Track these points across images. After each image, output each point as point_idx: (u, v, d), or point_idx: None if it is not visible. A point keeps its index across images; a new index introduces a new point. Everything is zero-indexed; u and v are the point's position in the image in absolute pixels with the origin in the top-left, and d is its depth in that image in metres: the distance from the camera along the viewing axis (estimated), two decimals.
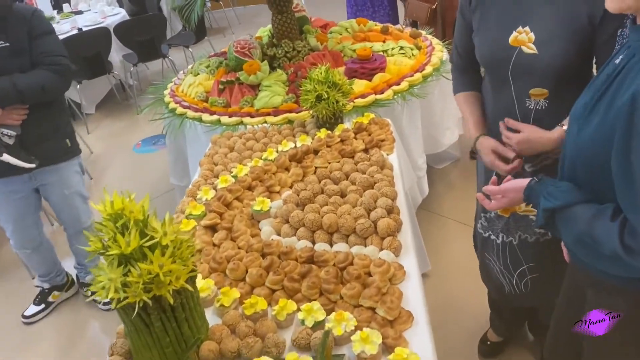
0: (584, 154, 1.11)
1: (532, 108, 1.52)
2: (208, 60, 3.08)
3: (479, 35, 1.57)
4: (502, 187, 1.29)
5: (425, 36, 3.15)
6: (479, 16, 1.57)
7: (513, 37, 1.48)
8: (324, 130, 2.20)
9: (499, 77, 1.54)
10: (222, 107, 2.63)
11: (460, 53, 1.73)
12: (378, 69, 2.68)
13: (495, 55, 1.52)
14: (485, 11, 1.55)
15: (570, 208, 1.10)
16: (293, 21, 2.91)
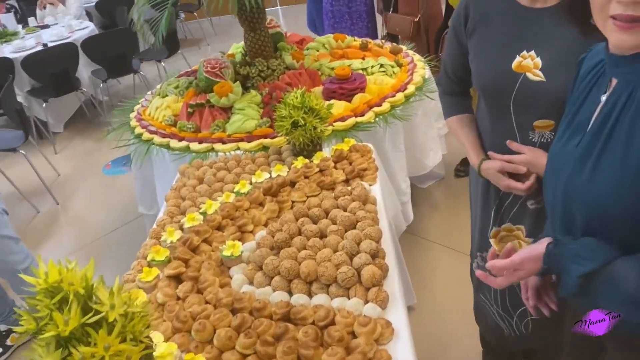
0: (603, 201, 0.95)
1: (536, 141, 1.39)
2: (177, 80, 2.90)
3: (477, 60, 1.43)
4: (514, 260, 1.07)
5: (406, 52, 3.02)
6: (476, 39, 1.42)
7: (517, 62, 1.33)
8: (302, 158, 2.04)
9: (500, 107, 1.39)
10: (191, 132, 2.45)
11: (450, 76, 1.60)
12: (358, 89, 2.53)
13: (496, 82, 1.37)
14: (484, 34, 1.40)
15: (611, 267, 0.93)
16: (267, 38, 2.75)
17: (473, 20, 1.42)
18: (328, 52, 3.05)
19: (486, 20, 1.40)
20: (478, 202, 1.64)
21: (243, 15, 2.61)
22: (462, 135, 1.57)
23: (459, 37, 1.49)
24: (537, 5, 1.33)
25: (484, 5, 1.41)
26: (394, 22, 3.69)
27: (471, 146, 1.53)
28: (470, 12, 1.42)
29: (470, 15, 1.42)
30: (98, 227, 3.59)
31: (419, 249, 2.86)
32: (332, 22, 4.50)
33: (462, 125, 1.58)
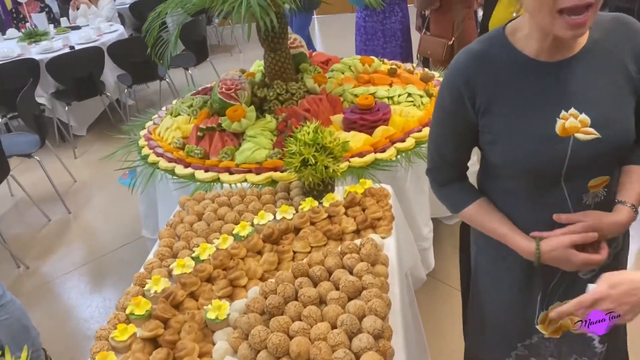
0: None
1: (590, 203, 1.19)
2: (191, 98, 2.74)
3: (505, 139, 1.18)
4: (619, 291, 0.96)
5: (437, 79, 2.79)
6: (494, 116, 1.18)
7: (560, 125, 1.12)
8: (310, 200, 1.85)
9: (547, 180, 1.17)
10: (198, 159, 2.28)
11: (450, 162, 1.34)
12: (380, 121, 2.32)
13: (542, 156, 1.13)
14: (503, 108, 1.16)
15: None
16: (288, 60, 2.57)
17: (482, 95, 1.17)
18: (353, 76, 2.85)
19: (500, 91, 1.16)
20: (513, 288, 1.38)
21: (263, 35, 2.44)
22: (494, 222, 1.29)
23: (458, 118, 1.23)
24: (558, 57, 1.14)
25: (492, 76, 1.17)
26: (425, 44, 3.46)
27: (513, 231, 1.26)
28: (475, 89, 1.18)
29: (476, 91, 1.18)
30: (107, 242, 3.47)
31: (439, 295, 2.63)
32: (364, 39, 4.30)
33: (487, 211, 1.30)
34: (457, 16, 3.40)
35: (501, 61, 1.16)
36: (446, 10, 3.37)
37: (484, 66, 1.16)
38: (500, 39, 1.19)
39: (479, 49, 1.19)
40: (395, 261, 1.62)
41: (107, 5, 5.92)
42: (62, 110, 4.80)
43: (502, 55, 1.17)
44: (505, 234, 1.27)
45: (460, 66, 1.19)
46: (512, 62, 1.16)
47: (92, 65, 4.68)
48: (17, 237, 3.64)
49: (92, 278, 3.15)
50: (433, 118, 1.32)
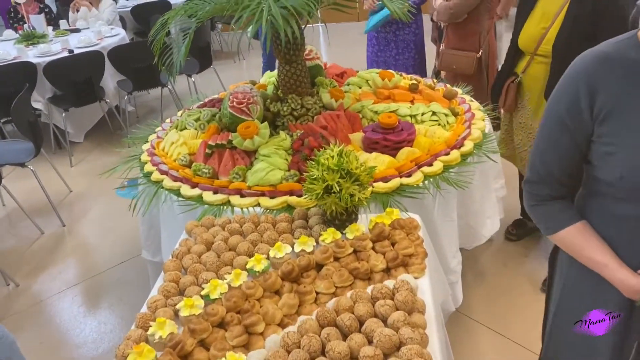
0: None
1: None
2: (198, 111, 2.55)
3: (628, 149, 1.08)
4: None
5: (461, 97, 2.62)
6: (617, 124, 1.10)
7: None
8: (332, 231, 1.67)
9: None
10: (207, 178, 2.09)
11: (557, 177, 1.22)
12: (405, 142, 2.14)
13: None
14: (630, 115, 1.08)
15: None
16: (304, 73, 2.39)
17: (604, 100, 1.10)
18: (372, 91, 2.68)
19: (628, 97, 1.08)
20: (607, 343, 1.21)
21: (279, 46, 2.26)
22: (595, 250, 1.17)
23: (574, 128, 1.14)
24: None
25: (621, 80, 1.09)
26: (449, 58, 3.27)
27: (617, 263, 1.14)
28: (597, 92, 1.10)
29: (598, 95, 1.10)
30: (103, 259, 3.27)
31: (461, 329, 2.44)
32: (375, 50, 4.14)
33: (588, 237, 1.19)
34: (483, 28, 3.24)
35: (634, 64, 1.06)
36: (471, 22, 3.20)
37: (612, 69, 1.08)
38: (632, 42, 1.09)
39: (608, 51, 1.10)
40: (432, 306, 1.44)
41: (109, 8, 5.75)
42: (59, 116, 4.61)
43: (635, 58, 1.06)
44: (607, 264, 1.14)
45: (584, 67, 1.11)
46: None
47: (92, 70, 4.50)
48: (7, 251, 3.44)
49: (87, 299, 2.95)
50: (542, 126, 1.21)
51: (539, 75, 2.48)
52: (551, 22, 2.40)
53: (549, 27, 2.41)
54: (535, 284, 2.66)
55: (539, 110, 2.57)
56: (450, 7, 3.15)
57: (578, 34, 2.28)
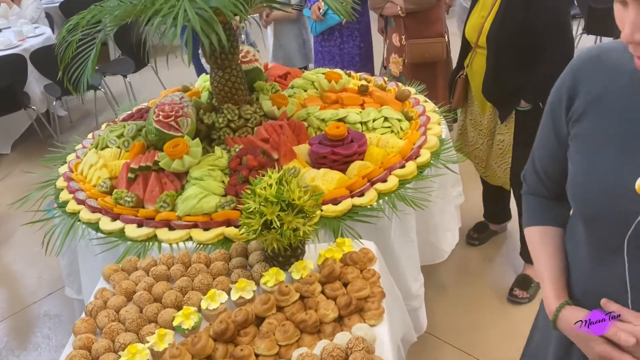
0: None
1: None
2: (122, 125, 2.25)
3: (581, 164, 0.97)
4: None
5: (415, 97, 2.41)
6: (583, 130, 0.97)
7: None
8: (275, 271, 1.43)
9: (606, 241, 0.94)
10: (129, 208, 1.81)
11: (539, 174, 1.14)
12: (355, 155, 1.92)
13: (606, 205, 0.92)
14: (596, 125, 0.94)
15: None
16: (240, 79, 2.12)
17: (582, 101, 0.97)
18: (318, 95, 2.43)
19: (602, 106, 0.94)
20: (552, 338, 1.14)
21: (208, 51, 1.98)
22: (542, 258, 1.11)
23: (555, 122, 1.04)
24: None
25: (603, 85, 0.94)
26: (418, 49, 3.14)
27: (551, 280, 1.07)
28: (580, 91, 0.97)
29: (579, 94, 0.97)
30: (30, 291, 2.93)
31: (424, 348, 2.25)
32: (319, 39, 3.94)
33: (544, 243, 1.11)
34: (443, 11, 3.14)
35: (618, 67, 0.92)
36: (433, 9, 3.11)
37: (597, 67, 0.96)
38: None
39: (601, 50, 0.98)
40: (390, 356, 1.23)
41: (32, 4, 5.27)
42: None
43: (622, 60, 0.90)
44: (543, 277, 1.08)
45: (575, 61, 1.00)
46: (630, 71, 0.88)
47: (13, 75, 4.08)
48: None
49: (11, 338, 2.61)
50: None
51: (480, 69, 2.32)
52: (489, 11, 2.23)
53: (487, 17, 2.24)
54: (501, 294, 2.50)
55: (485, 107, 2.41)
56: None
57: (510, 23, 2.12)
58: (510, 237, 2.88)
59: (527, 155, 2.56)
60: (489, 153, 2.50)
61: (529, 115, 2.27)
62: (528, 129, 2.31)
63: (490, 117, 2.41)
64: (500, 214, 2.86)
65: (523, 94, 2.24)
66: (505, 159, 2.40)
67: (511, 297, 2.45)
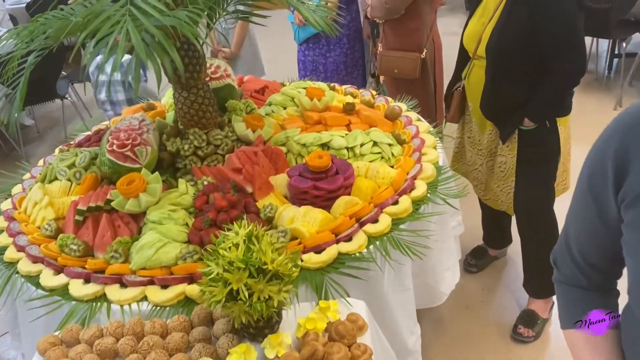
0: None
1: None
2: (75, 153, 1.96)
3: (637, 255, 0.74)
4: None
5: (406, 115, 2.16)
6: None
7: None
8: (244, 349, 1.17)
9: None
10: (76, 258, 1.54)
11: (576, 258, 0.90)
12: (341, 189, 1.66)
13: None
14: None
15: None
16: (207, 99, 1.85)
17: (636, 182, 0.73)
18: (299, 113, 2.17)
19: None
20: None
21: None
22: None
23: (600, 204, 0.80)
24: None
25: None
26: (389, 62, 2.79)
27: None
28: (630, 164, 0.74)
29: (633, 166, 0.74)
30: None
31: None
32: (303, 48, 3.66)
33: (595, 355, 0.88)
34: (425, 23, 2.77)
35: None
36: (411, 18, 2.72)
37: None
38: None
39: None
40: None
41: None
42: None
43: None
44: None
45: (620, 124, 0.77)
46: None
47: None
48: None
49: None
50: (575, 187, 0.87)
51: (478, 82, 2.08)
52: (490, 17, 1.98)
53: (487, 24, 2.00)
54: (504, 330, 2.27)
55: (484, 124, 2.17)
56: (386, 1, 2.67)
57: (514, 31, 1.88)
58: (512, 263, 2.64)
59: (532, 178, 2.26)
60: (489, 175, 2.26)
61: (533, 134, 2.04)
62: (533, 150, 2.07)
63: (490, 137, 2.17)
64: (500, 238, 2.63)
65: (527, 112, 2.00)
66: (508, 182, 2.16)
67: (515, 335, 2.22)
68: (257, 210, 1.62)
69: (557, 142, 2.07)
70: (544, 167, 2.10)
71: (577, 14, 1.85)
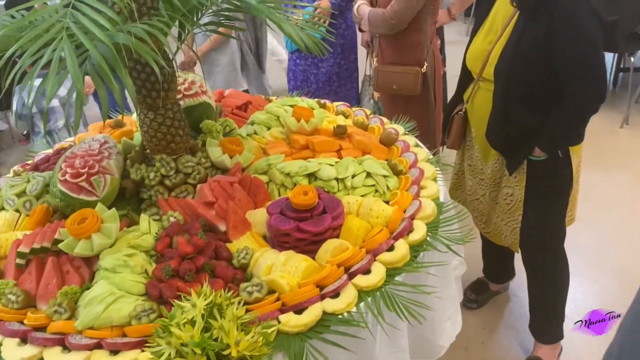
0: None
1: None
2: (27, 178, 1.73)
3: None
4: None
5: (403, 140, 1.94)
6: None
7: None
8: None
9: None
10: (14, 311, 1.30)
11: None
12: (328, 232, 1.44)
13: None
14: None
15: None
16: (177, 121, 1.63)
17: None
18: (284, 135, 1.95)
19: None
20: None
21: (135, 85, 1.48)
22: None
23: None
24: None
25: None
26: (387, 77, 2.58)
27: None
28: None
29: None
30: None
31: None
32: (294, 57, 3.44)
33: None
34: (427, 36, 2.57)
35: None
36: (413, 30, 2.53)
37: None
38: None
39: None
40: None
41: None
42: None
43: None
44: None
45: None
46: None
47: None
48: None
49: None
50: None
51: (484, 107, 1.87)
52: (498, 36, 1.77)
53: (495, 43, 1.79)
54: None
55: (488, 153, 1.96)
56: (391, 16, 2.45)
57: (526, 52, 1.67)
58: (515, 299, 2.43)
59: (541, 213, 2.08)
60: (492, 207, 2.05)
61: (544, 165, 1.83)
62: (543, 182, 1.87)
63: (495, 166, 1.95)
64: (503, 272, 2.42)
65: (538, 141, 1.79)
66: (514, 216, 1.95)
67: None
68: (229, 256, 1.40)
69: (570, 173, 1.87)
70: (555, 201, 1.90)
71: (598, 33, 1.65)
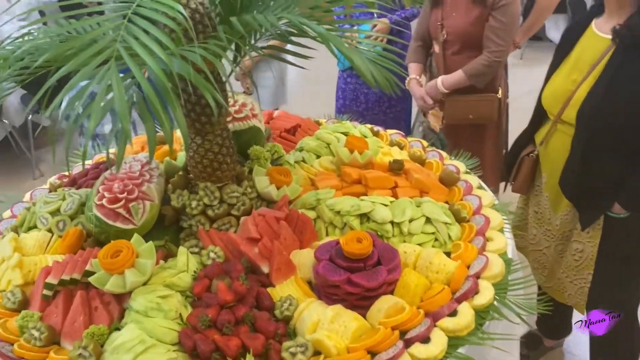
0: None
1: None
2: (62, 195, 1.63)
3: None
4: None
5: (465, 180, 1.77)
6: None
7: None
8: None
9: None
10: (37, 349, 1.20)
11: None
12: (383, 287, 1.29)
13: None
14: None
15: None
16: (226, 148, 1.50)
17: None
18: (334, 166, 1.81)
19: None
20: None
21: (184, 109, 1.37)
22: None
23: None
24: None
25: None
26: (460, 107, 2.40)
27: None
28: None
29: None
30: None
31: None
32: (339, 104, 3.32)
33: None
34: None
35: None
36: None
37: None
38: None
39: None
40: None
41: None
42: None
43: None
44: None
45: None
46: None
47: None
48: None
49: None
50: None
51: (560, 152, 1.69)
52: (584, 76, 1.59)
53: (580, 83, 1.60)
54: None
55: (559, 202, 1.77)
56: (497, 56, 2.28)
57: (619, 98, 1.48)
58: (571, 358, 2.23)
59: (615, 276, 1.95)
60: (556, 261, 1.86)
61: (624, 224, 1.63)
62: (620, 242, 1.67)
63: (565, 218, 1.77)
64: (559, 328, 2.22)
65: (620, 197, 1.60)
66: (582, 274, 1.75)
67: None
68: (271, 306, 1.26)
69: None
70: (631, 264, 1.70)
71: None
